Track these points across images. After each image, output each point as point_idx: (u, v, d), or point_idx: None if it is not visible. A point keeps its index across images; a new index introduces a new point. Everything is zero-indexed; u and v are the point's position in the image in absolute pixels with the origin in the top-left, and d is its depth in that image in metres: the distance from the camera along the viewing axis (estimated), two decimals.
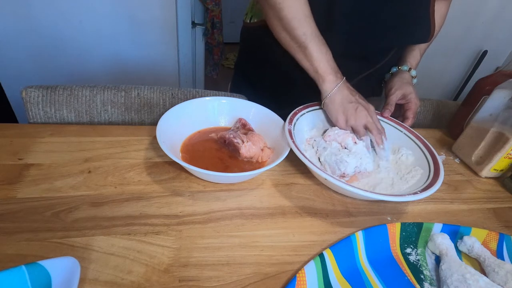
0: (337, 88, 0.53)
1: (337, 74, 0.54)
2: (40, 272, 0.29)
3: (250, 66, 0.76)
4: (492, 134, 0.58)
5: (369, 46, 0.63)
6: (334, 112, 0.55)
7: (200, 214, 0.42)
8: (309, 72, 0.56)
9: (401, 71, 0.67)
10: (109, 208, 0.40)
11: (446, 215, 0.50)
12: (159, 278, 0.33)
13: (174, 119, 0.51)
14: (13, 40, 1.17)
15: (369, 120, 0.53)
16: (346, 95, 0.54)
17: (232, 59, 2.82)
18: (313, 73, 0.55)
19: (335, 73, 0.54)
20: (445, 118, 0.87)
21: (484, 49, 1.69)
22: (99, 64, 1.31)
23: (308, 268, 0.35)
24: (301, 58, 0.55)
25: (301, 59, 0.55)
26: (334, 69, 0.54)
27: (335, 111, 0.54)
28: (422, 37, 0.63)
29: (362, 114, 0.53)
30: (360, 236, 0.41)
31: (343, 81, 0.54)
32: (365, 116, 0.53)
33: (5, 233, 0.35)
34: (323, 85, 0.54)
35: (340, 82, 0.54)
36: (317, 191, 0.49)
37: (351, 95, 0.54)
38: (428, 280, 0.39)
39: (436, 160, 0.50)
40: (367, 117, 0.53)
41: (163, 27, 1.31)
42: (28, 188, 0.41)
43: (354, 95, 0.54)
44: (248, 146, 0.50)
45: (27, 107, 0.58)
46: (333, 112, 0.55)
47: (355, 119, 0.53)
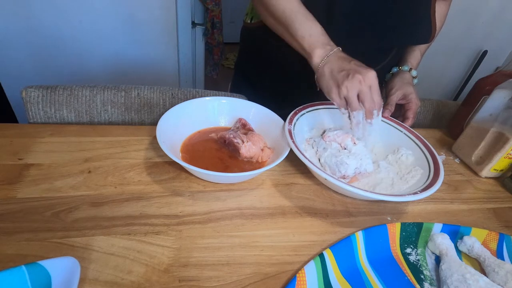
0: (326, 58, 0.48)
1: (325, 46, 0.49)
2: (40, 272, 0.29)
3: (250, 66, 0.76)
4: (492, 134, 0.58)
5: (370, 47, 0.63)
6: (325, 86, 0.49)
7: (200, 214, 0.42)
8: (300, 52, 0.52)
9: (401, 71, 0.67)
10: (109, 208, 0.40)
11: (446, 215, 0.50)
12: (159, 278, 0.33)
13: (174, 119, 0.51)
14: (13, 40, 1.17)
15: (362, 89, 0.46)
16: (337, 64, 0.48)
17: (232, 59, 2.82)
18: (301, 51, 0.51)
19: (323, 46, 0.49)
20: (445, 118, 0.87)
21: (484, 49, 1.69)
22: (99, 64, 1.31)
23: (308, 268, 0.35)
24: (288, 39, 0.53)
25: (289, 40, 0.53)
26: (321, 42, 0.50)
27: (326, 84, 0.49)
28: (423, 37, 0.63)
29: (354, 82, 0.46)
30: (360, 236, 0.41)
31: (334, 51, 0.49)
32: (357, 83, 0.46)
33: (5, 233, 0.35)
34: (312, 61, 0.50)
35: (329, 54, 0.49)
36: (317, 191, 0.49)
37: (343, 63, 0.48)
38: (428, 280, 0.39)
39: (436, 160, 0.50)
40: (361, 85, 0.46)
41: (163, 27, 1.31)
42: (28, 188, 0.41)
43: (348, 62, 0.48)
44: (248, 146, 0.50)
45: (27, 107, 0.58)
46: (323, 85, 0.50)
47: (347, 89, 0.46)
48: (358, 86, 0.46)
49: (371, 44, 0.62)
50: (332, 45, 0.50)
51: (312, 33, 0.50)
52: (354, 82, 0.46)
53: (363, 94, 0.46)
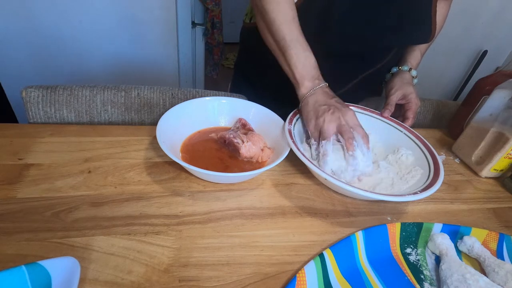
0: (312, 91, 0.51)
1: (314, 80, 0.52)
2: (40, 272, 0.29)
3: (250, 66, 0.76)
4: (492, 134, 0.58)
5: (369, 46, 0.63)
6: (305, 115, 0.52)
7: (200, 214, 0.42)
8: (290, 78, 0.54)
9: (401, 71, 0.67)
10: (109, 208, 0.40)
11: (446, 215, 0.50)
12: (159, 278, 0.33)
13: (174, 119, 0.51)
14: (13, 40, 1.17)
15: (341, 123, 0.48)
16: (320, 98, 0.51)
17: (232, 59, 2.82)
18: (291, 78, 0.54)
19: (313, 80, 0.52)
20: (445, 118, 0.87)
21: (484, 49, 1.69)
22: (99, 64, 1.31)
23: (308, 268, 0.35)
24: (282, 62, 0.55)
25: (282, 64, 0.55)
26: (312, 75, 0.52)
27: (306, 114, 0.52)
28: (423, 37, 0.63)
29: (334, 117, 0.48)
30: (360, 236, 0.41)
31: (321, 86, 0.51)
32: (336, 118, 0.48)
33: (5, 233, 0.35)
34: (299, 91, 0.53)
35: (316, 87, 0.51)
36: (317, 191, 0.49)
37: (326, 98, 0.51)
38: (428, 280, 0.39)
39: (436, 160, 0.50)
40: (340, 119, 0.48)
41: (163, 27, 1.31)
42: (28, 188, 0.41)
43: (330, 99, 0.51)
44: (248, 146, 0.50)
45: (27, 107, 0.58)
46: (304, 114, 0.52)
47: (324, 121, 0.48)
48: (336, 121, 0.48)
49: (371, 43, 0.62)
50: (321, 80, 0.53)
51: (306, 65, 0.52)
52: (333, 117, 0.48)
53: (341, 127, 0.48)
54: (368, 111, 0.62)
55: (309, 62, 0.52)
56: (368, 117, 0.61)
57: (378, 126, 0.61)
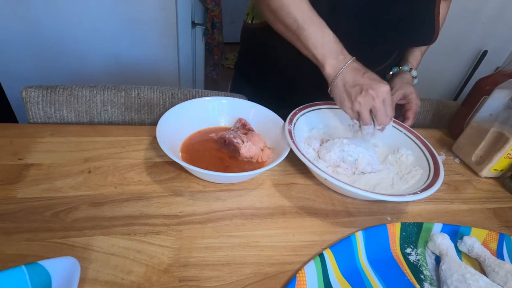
0: (340, 70, 0.48)
1: (338, 56, 0.49)
2: (40, 272, 0.29)
3: (250, 66, 0.76)
4: (492, 134, 0.58)
5: (372, 48, 0.62)
6: (338, 98, 0.50)
7: (200, 214, 0.42)
8: (312, 60, 0.51)
9: (401, 72, 0.67)
10: (109, 208, 0.40)
11: (446, 215, 0.50)
12: (159, 278, 0.33)
13: (174, 119, 0.51)
14: (13, 40, 1.17)
15: (375, 105, 0.47)
16: (350, 77, 0.48)
17: (232, 59, 2.82)
18: (314, 60, 0.51)
19: (337, 56, 0.48)
20: (445, 118, 0.87)
21: (484, 49, 1.69)
22: (99, 64, 1.31)
23: (308, 268, 0.35)
24: (299, 47, 0.52)
25: (300, 48, 0.52)
26: (334, 52, 0.49)
27: (339, 96, 0.49)
28: (426, 39, 0.63)
29: (367, 97, 0.46)
30: (360, 236, 0.41)
31: (348, 63, 0.48)
32: (370, 98, 0.46)
33: (5, 233, 0.35)
34: (324, 71, 0.50)
35: (343, 66, 0.48)
36: (317, 191, 0.49)
37: (356, 76, 0.48)
38: (428, 280, 0.39)
39: (436, 160, 0.50)
40: (374, 100, 0.46)
41: (163, 27, 1.31)
42: (28, 188, 0.41)
43: (361, 75, 0.48)
44: (248, 146, 0.50)
45: (27, 107, 0.58)
46: (336, 97, 0.50)
47: (360, 104, 0.47)
48: (371, 102, 0.47)
49: (374, 45, 0.61)
50: (346, 55, 0.49)
51: (325, 42, 0.49)
52: (367, 98, 0.46)
53: (376, 110, 0.47)
54: None
55: (328, 39, 0.49)
56: None
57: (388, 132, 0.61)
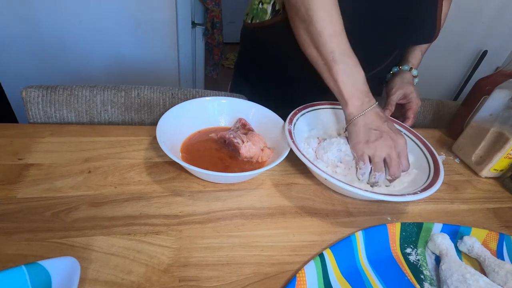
0: (363, 112, 0.48)
1: (364, 98, 0.48)
2: (40, 272, 0.29)
3: (250, 66, 0.76)
4: (492, 134, 0.58)
5: (372, 48, 0.62)
6: (354, 138, 0.48)
7: (200, 214, 0.42)
8: (334, 93, 0.51)
9: (402, 71, 0.67)
10: (109, 208, 0.40)
11: (446, 215, 0.50)
12: (159, 278, 0.33)
13: (174, 119, 0.51)
14: (13, 40, 1.17)
15: (391, 154, 0.46)
16: (372, 121, 0.47)
17: (232, 59, 2.83)
18: (338, 94, 0.51)
19: (362, 97, 0.48)
20: (445, 118, 0.87)
21: (484, 49, 1.69)
22: (99, 64, 1.31)
23: (308, 268, 0.35)
24: (326, 77, 0.51)
25: (327, 78, 0.51)
26: (361, 93, 0.48)
27: (355, 137, 0.48)
28: (426, 37, 0.63)
29: (385, 144, 0.46)
30: (360, 236, 0.41)
31: (372, 107, 0.48)
32: (388, 147, 0.46)
33: (5, 233, 0.35)
34: (346, 109, 0.49)
35: (368, 108, 0.48)
36: (317, 191, 0.49)
37: (378, 122, 0.48)
38: (428, 280, 0.39)
39: (436, 160, 0.50)
40: (391, 150, 0.46)
41: (163, 27, 1.31)
42: (28, 188, 0.41)
43: (382, 123, 0.48)
44: (248, 146, 0.50)
45: (27, 107, 0.58)
46: (353, 137, 0.49)
47: (375, 149, 0.46)
48: (387, 150, 0.46)
49: (374, 45, 0.61)
50: (371, 98, 0.49)
51: (355, 82, 0.49)
52: (386, 143, 0.46)
53: (391, 159, 0.46)
54: None
55: (359, 78, 0.49)
56: None
57: None
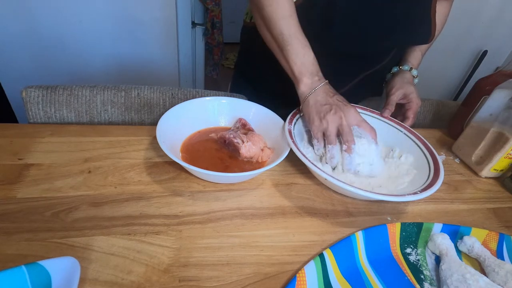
0: (313, 91, 0.50)
1: (314, 77, 0.51)
2: (40, 272, 0.29)
3: (250, 66, 0.76)
4: (492, 134, 0.58)
5: (369, 46, 0.63)
6: (307, 114, 0.51)
7: (200, 214, 0.42)
8: (288, 74, 0.54)
9: (402, 71, 0.67)
10: (109, 208, 0.40)
11: (446, 215, 0.50)
12: (159, 278, 0.33)
13: (174, 119, 0.51)
14: (13, 40, 1.17)
15: (342, 123, 0.48)
16: (321, 98, 0.50)
17: (232, 59, 2.83)
18: (291, 75, 0.53)
19: (312, 76, 0.51)
20: (445, 118, 0.87)
21: (484, 49, 1.69)
22: (99, 64, 1.31)
23: (308, 268, 0.35)
24: (280, 59, 0.54)
25: (281, 60, 0.54)
26: (310, 72, 0.51)
27: (308, 115, 0.51)
28: (423, 38, 0.63)
29: (335, 117, 0.48)
30: (360, 236, 0.41)
31: (322, 85, 0.51)
32: (338, 118, 0.48)
33: (5, 233, 0.35)
34: (298, 88, 0.52)
35: (317, 86, 0.50)
36: (317, 191, 0.49)
37: (327, 97, 0.50)
38: (428, 280, 0.39)
39: (436, 160, 0.50)
40: (341, 120, 0.48)
41: (163, 27, 1.31)
42: (28, 188, 0.41)
43: (331, 97, 0.50)
44: (248, 146, 0.50)
45: (27, 107, 0.58)
46: (306, 114, 0.51)
47: (328, 122, 0.48)
48: (338, 121, 0.48)
49: (371, 43, 0.61)
50: (320, 77, 0.52)
51: (305, 61, 0.51)
52: (335, 117, 0.48)
53: (342, 128, 0.48)
54: (368, 111, 0.62)
55: (307, 59, 0.51)
56: (368, 117, 0.61)
57: (378, 126, 0.60)
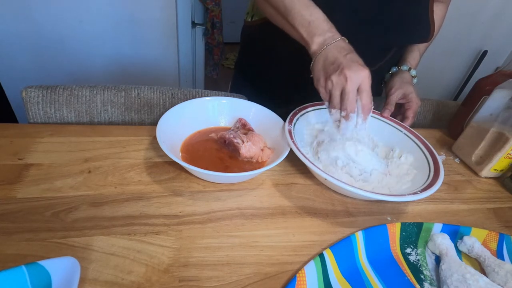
0: (324, 48, 0.45)
1: (326, 33, 0.46)
2: (40, 272, 0.29)
3: (250, 66, 0.76)
4: (492, 134, 0.58)
5: (368, 46, 0.62)
6: (315, 77, 0.47)
7: (200, 214, 0.42)
8: (300, 42, 0.49)
9: (401, 71, 0.67)
10: (109, 208, 0.40)
11: (446, 215, 0.50)
12: (159, 278, 0.33)
13: (174, 119, 0.51)
14: (13, 40, 1.17)
15: (346, 87, 0.43)
16: (331, 55, 0.45)
17: (232, 59, 2.82)
18: (301, 40, 0.48)
19: (323, 33, 0.46)
20: (445, 118, 0.87)
21: (484, 49, 1.69)
22: (99, 64, 1.31)
23: (308, 268, 0.35)
24: (288, 29, 0.50)
25: (289, 30, 0.50)
26: (322, 29, 0.46)
27: (316, 75, 0.46)
28: (421, 36, 0.63)
29: (340, 78, 0.43)
30: (360, 236, 0.41)
31: (335, 41, 0.45)
32: (343, 80, 0.43)
33: (5, 233, 0.35)
34: (310, 50, 0.47)
35: (330, 43, 0.45)
36: (317, 191, 0.49)
37: (339, 54, 0.44)
38: (428, 280, 0.39)
39: (436, 160, 0.50)
40: (346, 83, 0.43)
41: (163, 27, 1.31)
42: (28, 188, 0.41)
43: (344, 55, 0.44)
44: (248, 146, 0.50)
45: (27, 107, 0.58)
46: (314, 74, 0.47)
47: (332, 83, 0.44)
48: (343, 83, 0.43)
49: (369, 43, 0.61)
50: (335, 33, 0.47)
51: (312, 20, 0.46)
52: (340, 77, 0.43)
53: (345, 93, 0.43)
54: None
55: (316, 16, 0.47)
56: None
57: (378, 126, 0.61)
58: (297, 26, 0.47)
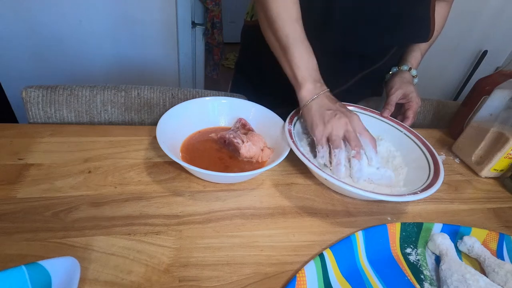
0: (316, 96, 0.50)
1: (316, 83, 0.51)
2: (40, 272, 0.29)
3: (251, 66, 0.76)
4: (492, 134, 0.58)
5: (368, 44, 0.63)
6: (309, 119, 0.50)
7: (200, 214, 0.42)
8: (289, 78, 0.53)
9: (401, 71, 0.67)
10: (109, 208, 0.40)
11: (446, 215, 0.50)
12: (159, 278, 0.33)
13: (174, 119, 0.51)
14: (13, 40, 1.17)
15: (348, 129, 0.47)
16: (325, 103, 0.49)
17: (232, 59, 2.82)
18: (292, 79, 0.53)
19: (315, 82, 0.51)
20: (445, 118, 0.87)
21: (484, 49, 1.69)
22: (99, 64, 1.32)
23: (308, 268, 0.35)
24: (282, 62, 0.53)
25: (283, 63, 0.53)
26: (314, 78, 0.51)
27: (311, 118, 0.49)
28: (422, 36, 0.63)
29: (341, 122, 0.47)
30: (360, 236, 0.41)
31: (324, 92, 0.50)
32: (344, 124, 0.47)
33: (5, 233, 0.35)
34: (300, 93, 0.51)
35: (320, 92, 0.50)
36: (317, 191, 0.49)
37: (330, 103, 0.49)
38: (428, 280, 0.39)
39: (436, 160, 0.50)
40: (347, 125, 0.47)
41: (163, 27, 1.31)
42: (28, 188, 0.41)
43: (334, 103, 0.50)
44: (248, 146, 0.50)
45: (27, 107, 0.58)
46: (308, 119, 0.50)
47: (332, 127, 0.47)
48: (344, 127, 0.47)
49: (370, 42, 0.62)
50: (322, 84, 0.52)
51: (308, 66, 0.51)
52: (341, 121, 0.47)
53: (349, 133, 0.47)
54: (368, 111, 0.62)
55: (311, 64, 0.51)
56: (368, 117, 0.61)
57: (378, 126, 0.61)
58: (293, 65, 0.51)
